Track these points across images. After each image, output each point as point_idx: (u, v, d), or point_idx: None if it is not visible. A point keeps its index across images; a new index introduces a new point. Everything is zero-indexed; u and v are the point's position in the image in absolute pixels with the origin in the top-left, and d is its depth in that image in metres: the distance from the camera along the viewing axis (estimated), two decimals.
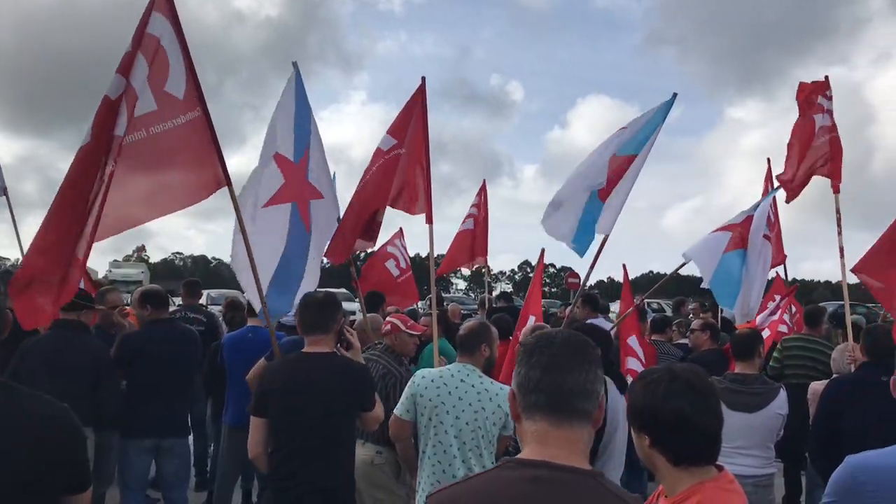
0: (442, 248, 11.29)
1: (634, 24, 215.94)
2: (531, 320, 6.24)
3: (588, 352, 1.74)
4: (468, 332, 4.31)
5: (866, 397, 4.10)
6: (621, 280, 8.25)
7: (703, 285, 5.83)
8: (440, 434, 4.10)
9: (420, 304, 11.27)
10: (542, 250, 7.44)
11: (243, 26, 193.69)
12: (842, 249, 6.08)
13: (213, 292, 27.55)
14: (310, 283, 5.16)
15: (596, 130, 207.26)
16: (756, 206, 6.18)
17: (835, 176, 6.57)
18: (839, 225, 6.00)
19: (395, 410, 4.21)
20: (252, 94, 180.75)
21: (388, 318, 5.33)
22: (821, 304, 9.46)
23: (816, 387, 5.52)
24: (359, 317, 6.63)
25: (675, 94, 5.92)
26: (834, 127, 6.71)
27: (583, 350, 1.74)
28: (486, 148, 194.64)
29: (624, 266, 7.75)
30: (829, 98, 6.77)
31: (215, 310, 11.14)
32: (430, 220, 5.96)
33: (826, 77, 6.82)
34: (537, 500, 1.57)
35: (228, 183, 4.67)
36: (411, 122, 5.95)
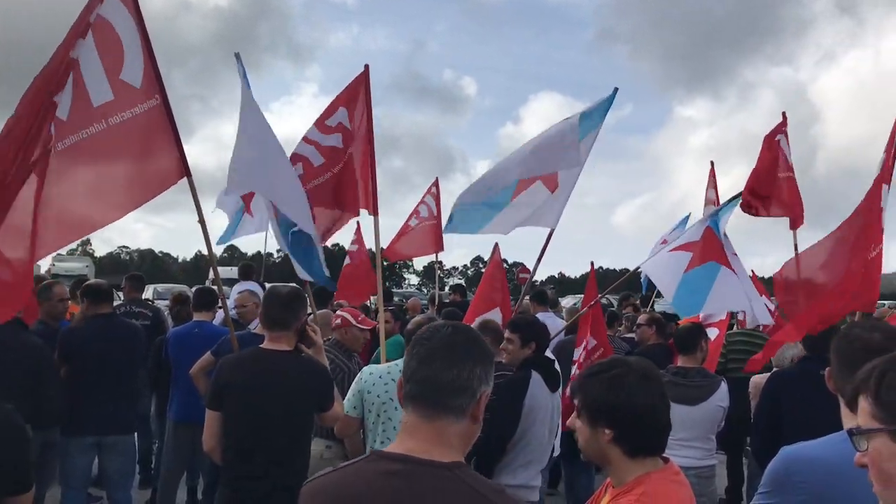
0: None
1: (586, 20, 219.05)
2: (495, 313, 6.18)
3: (472, 348, 1.71)
4: (416, 328, 4.30)
5: (806, 390, 4.18)
6: (572, 276, 8.26)
7: (667, 301, 5.75)
8: (388, 430, 4.09)
9: (373, 298, 11.20)
10: (496, 245, 7.42)
11: (191, 15, 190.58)
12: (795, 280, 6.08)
13: (160, 287, 27.15)
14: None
15: (547, 126, 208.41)
16: (714, 219, 5.94)
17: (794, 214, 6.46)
18: (797, 256, 5.93)
19: None
20: (200, 84, 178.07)
21: (338, 312, 5.29)
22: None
23: (758, 380, 5.64)
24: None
25: (615, 89, 5.97)
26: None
27: (466, 345, 1.71)
28: (439, 143, 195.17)
29: (592, 263, 7.70)
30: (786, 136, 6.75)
31: (162, 305, 10.94)
32: (375, 212, 5.89)
33: (783, 114, 6.79)
34: (389, 493, 1.59)
35: (188, 174, 4.56)
36: (356, 113, 5.89)
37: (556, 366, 4.62)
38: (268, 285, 6.95)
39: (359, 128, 5.87)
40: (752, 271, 8.63)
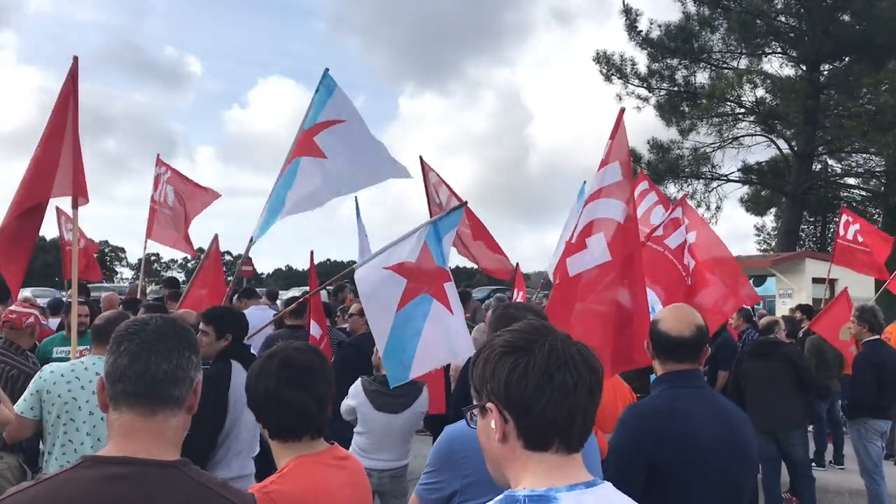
0: (105, 233, 10.42)
1: (319, 10, 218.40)
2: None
3: (183, 337, 1.72)
4: (105, 323, 4.11)
5: None
6: (298, 268, 8.16)
7: (381, 355, 4.79)
8: (71, 432, 3.87)
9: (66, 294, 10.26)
10: (216, 236, 7.19)
11: None
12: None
13: None
14: None
15: (278, 113, 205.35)
16: (435, 235, 5.07)
17: None
18: None
19: (15, 407, 3.86)
20: None
21: (8, 310, 4.79)
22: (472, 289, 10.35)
23: (458, 364, 6.01)
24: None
25: (326, 69, 6.03)
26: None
27: (176, 335, 1.71)
28: (160, 125, 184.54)
29: (311, 253, 7.64)
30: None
31: None
32: (75, 205, 5.47)
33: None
34: (114, 500, 1.53)
35: None
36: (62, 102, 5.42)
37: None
38: None
39: (61, 116, 5.36)
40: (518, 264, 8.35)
